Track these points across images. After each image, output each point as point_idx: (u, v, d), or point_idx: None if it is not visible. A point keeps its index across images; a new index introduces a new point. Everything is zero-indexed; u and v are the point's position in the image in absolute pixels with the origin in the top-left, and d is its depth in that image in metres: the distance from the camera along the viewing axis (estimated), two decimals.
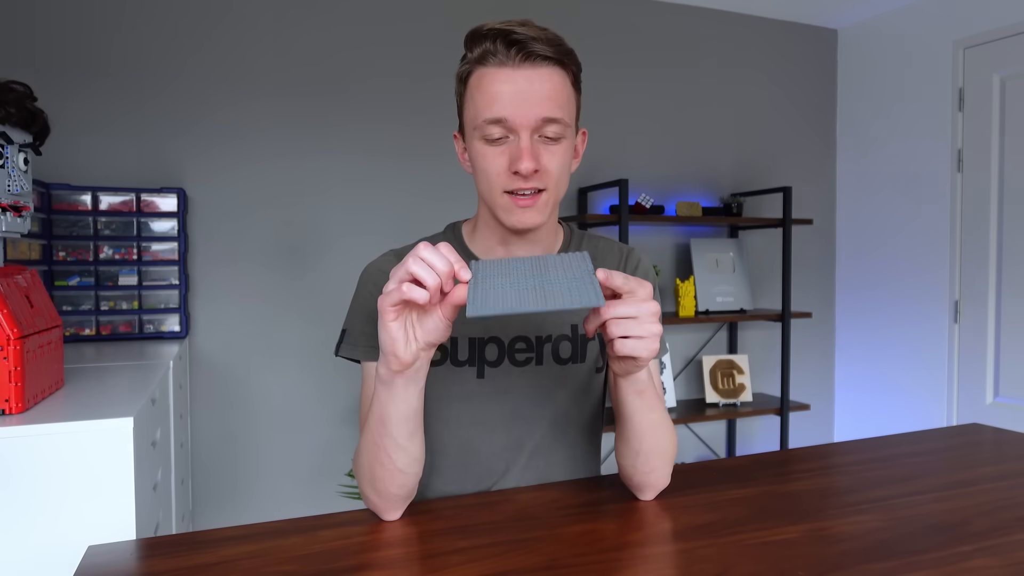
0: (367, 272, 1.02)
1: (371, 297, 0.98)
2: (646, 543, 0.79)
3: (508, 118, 0.87)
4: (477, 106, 0.89)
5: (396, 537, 0.83)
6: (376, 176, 2.67)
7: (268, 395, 2.55)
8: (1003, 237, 2.81)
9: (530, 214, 0.91)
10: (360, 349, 0.98)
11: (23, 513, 0.99)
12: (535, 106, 0.87)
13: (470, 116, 0.92)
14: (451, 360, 1.00)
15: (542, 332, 1.01)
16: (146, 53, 2.38)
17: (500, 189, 0.91)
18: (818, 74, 3.47)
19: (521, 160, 0.87)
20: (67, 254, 2.16)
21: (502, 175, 0.90)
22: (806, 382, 3.47)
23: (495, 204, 0.93)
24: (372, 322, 0.97)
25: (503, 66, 0.87)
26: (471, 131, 0.92)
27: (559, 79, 0.89)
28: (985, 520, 0.86)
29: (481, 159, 0.91)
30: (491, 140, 0.89)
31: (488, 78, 0.88)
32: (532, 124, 0.88)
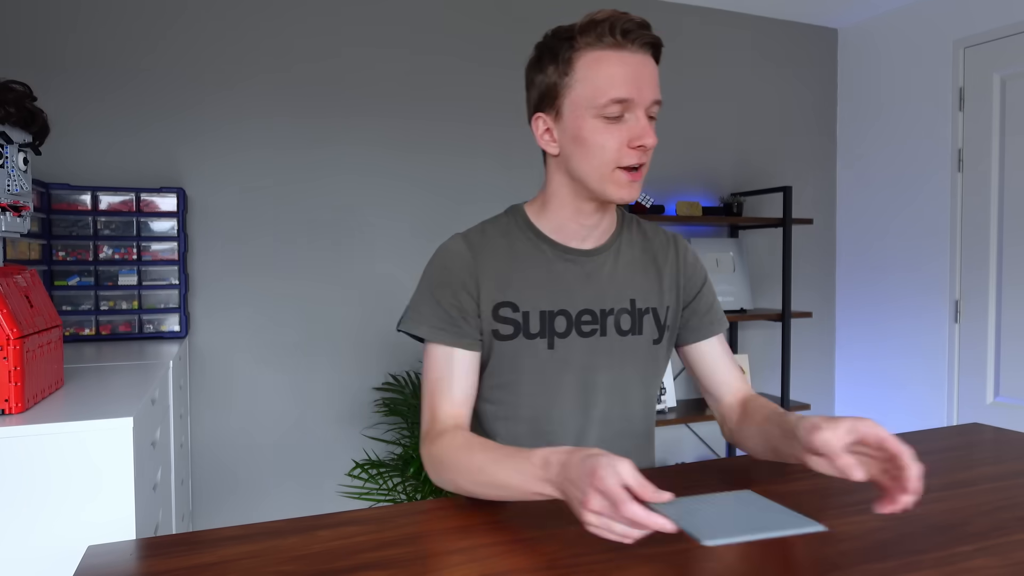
0: (440, 256, 1.06)
1: (443, 282, 1.03)
2: (646, 543, 0.79)
3: (633, 98, 0.94)
4: (597, 86, 0.95)
5: (396, 537, 0.83)
6: (377, 175, 2.67)
7: (268, 395, 2.55)
8: (1003, 237, 2.81)
9: (636, 188, 0.99)
10: (425, 328, 1.02)
11: (23, 513, 0.99)
12: (650, 88, 0.96)
13: (583, 94, 0.96)
14: (523, 334, 1.05)
15: (605, 305, 1.07)
16: (146, 53, 2.38)
17: (613, 164, 0.96)
18: (818, 74, 3.47)
19: (646, 136, 0.95)
20: (67, 254, 2.16)
21: (620, 150, 0.96)
22: (806, 382, 3.47)
23: (604, 178, 0.97)
24: (441, 305, 1.02)
25: (622, 49, 0.95)
26: (584, 109, 0.96)
27: (655, 66, 0.99)
28: (985, 520, 0.86)
29: (596, 134, 0.96)
30: (610, 118, 0.95)
31: (607, 60, 0.95)
32: (647, 104, 0.96)
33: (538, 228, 1.08)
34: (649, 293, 1.10)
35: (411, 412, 2.57)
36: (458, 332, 1.02)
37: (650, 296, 1.10)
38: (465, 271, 1.03)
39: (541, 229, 1.07)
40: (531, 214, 1.09)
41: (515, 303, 1.04)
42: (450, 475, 0.94)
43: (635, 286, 1.09)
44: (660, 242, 1.14)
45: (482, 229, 1.09)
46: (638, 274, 1.10)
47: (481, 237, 1.07)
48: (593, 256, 1.08)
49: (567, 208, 1.05)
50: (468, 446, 0.94)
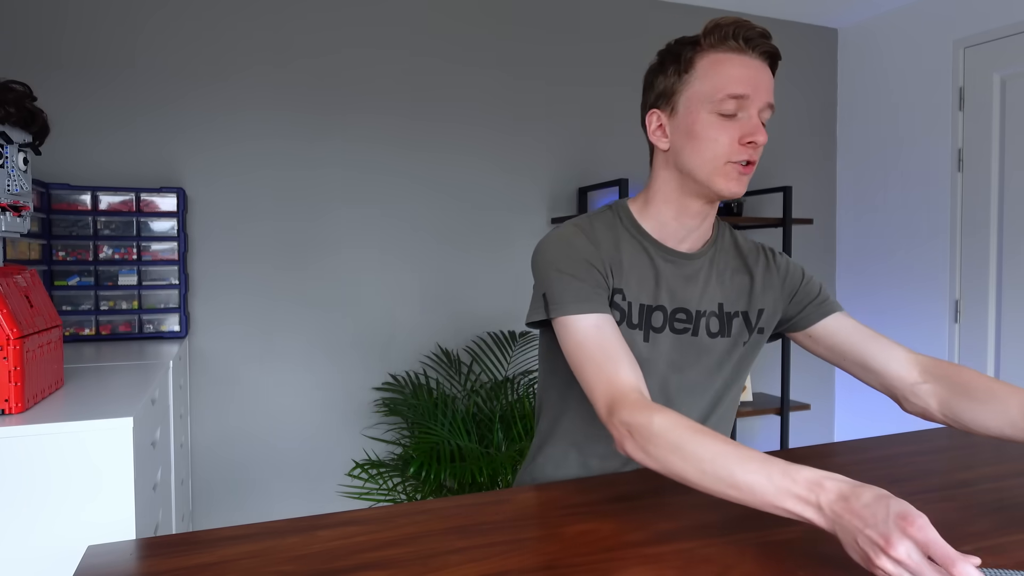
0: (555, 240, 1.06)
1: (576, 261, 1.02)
2: (646, 543, 0.79)
3: (750, 95, 0.99)
4: (716, 83, 1.00)
5: (396, 537, 0.83)
6: (377, 174, 2.67)
7: (268, 395, 2.55)
8: (1003, 237, 2.81)
9: (744, 183, 1.02)
10: (570, 306, 1.00)
11: (23, 513, 0.99)
12: (766, 91, 1.00)
13: (702, 91, 1.01)
14: (627, 322, 1.07)
15: (700, 307, 1.11)
16: (146, 53, 2.38)
17: (725, 159, 1.00)
18: (818, 74, 3.47)
19: (759, 133, 0.99)
20: (67, 254, 2.16)
21: (732, 145, 1.00)
22: (806, 382, 3.47)
23: (714, 171, 1.01)
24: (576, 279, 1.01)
25: (743, 54, 1.01)
26: (701, 105, 1.01)
27: (771, 74, 1.04)
28: (985, 520, 0.86)
29: (711, 129, 1.00)
30: (725, 114, 0.99)
31: (728, 62, 1.00)
32: (761, 105, 1.00)
33: (641, 225, 1.10)
34: (738, 298, 1.14)
35: (411, 412, 2.57)
36: (603, 301, 1.01)
37: (739, 301, 1.15)
38: (590, 251, 1.05)
39: (643, 226, 1.10)
40: (634, 211, 1.12)
41: (625, 291, 1.07)
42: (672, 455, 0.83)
43: (724, 291, 1.13)
44: (749, 249, 1.18)
45: (589, 220, 1.10)
46: (727, 280, 1.14)
47: (591, 228, 1.09)
48: (691, 259, 1.11)
49: (671, 206, 1.08)
50: (696, 429, 0.84)
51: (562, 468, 1.15)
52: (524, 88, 2.87)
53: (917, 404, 1.06)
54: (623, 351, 0.97)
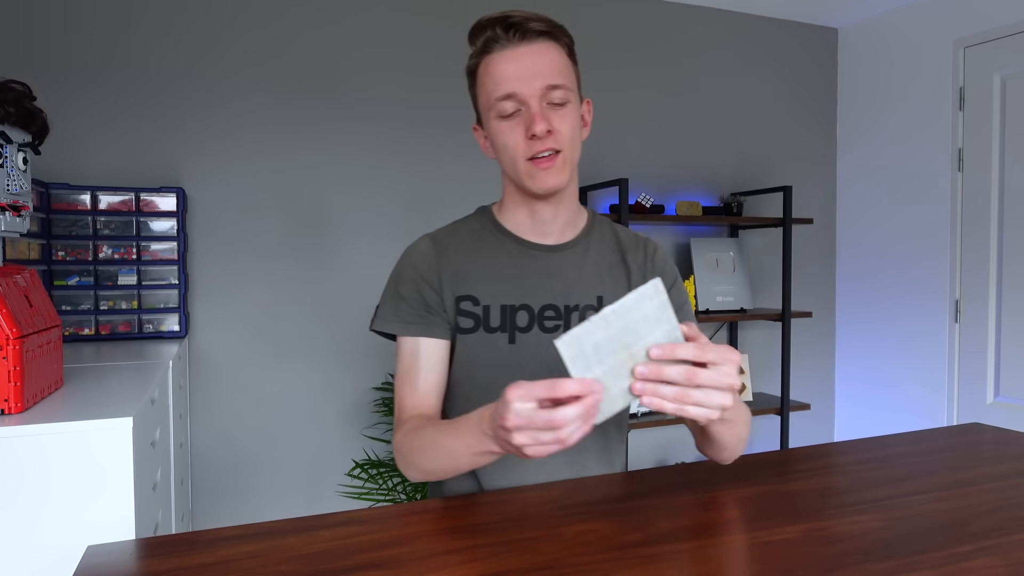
0: (407, 256, 1.09)
1: (410, 279, 1.06)
2: (646, 543, 0.79)
3: (517, 91, 0.96)
4: (488, 90, 0.99)
5: (396, 537, 0.82)
6: (376, 173, 2.67)
7: (268, 395, 2.55)
8: (1003, 237, 2.81)
9: (552, 175, 0.99)
10: (395, 324, 1.05)
11: (23, 513, 0.99)
12: (538, 77, 0.96)
13: (484, 101, 1.01)
14: (484, 327, 1.05)
15: (570, 301, 1.07)
16: (146, 53, 2.38)
17: (522, 158, 0.98)
18: (818, 74, 3.47)
19: (535, 124, 0.95)
20: (66, 254, 2.16)
21: (521, 144, 0.98)
22: (806, 382, 3.47)
23: (519, 173, 1.00)
24: (408, 300, 1.05)
25: (505, 48, 0.98)
26: (487, 113, 1.01)
27: (555, 51, 0.99)
28: (985, 520, 0.86)
29: (500, 135, 1.00)
30: (505, 116, 0.98)
31: (494, 62, 0.99)
32: (539, 93, 0.96)
33: (503, 225, 1.10)
34: (618, 292, 1.09)
35: None
36: (425, 323, 1.04)
37: (619, 294, 1.08)
38: (427, 267, 1.06)
39: (506, 226, 1.10)
40: (496, 212, 1.12)
41: (476, 297, 1.05)
42: (410, 459, 0.97)
43: (604, 285, 1.09)
44: (630, 243, 1.15)
45: (451, 228, 1.12)
46: (606, 273, 1.11)
47: (448, 236, 1.10)
48: (559, 252, 1.09)
49: (520, 206, 1.07)
50: (421, 426, 0.98)
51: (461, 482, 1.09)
52: None
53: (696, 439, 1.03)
54: (423, 375, 1.03)
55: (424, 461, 0.95)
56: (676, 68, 3.16)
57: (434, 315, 1.04)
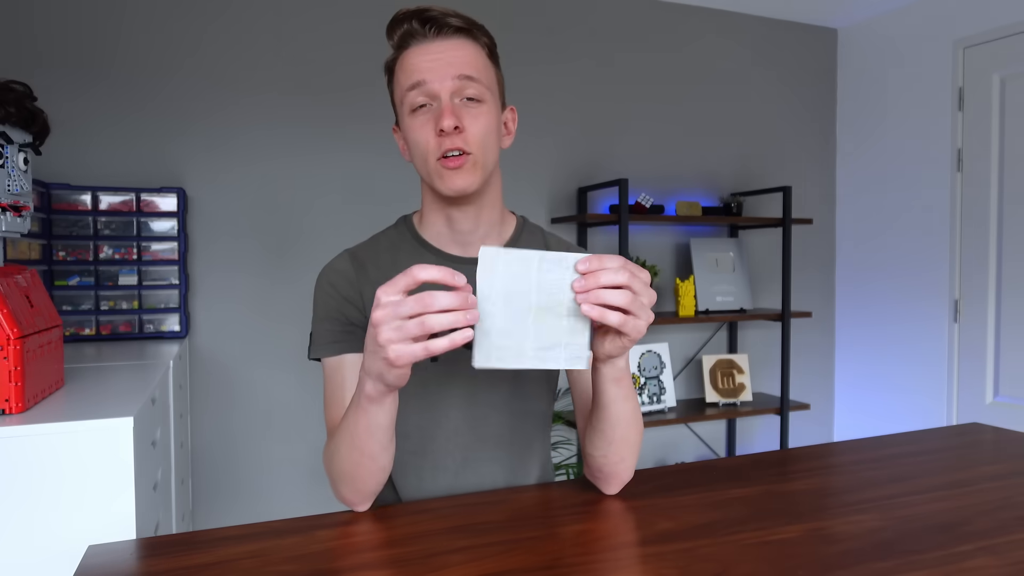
0: (323, 275, 1.03)
1: (328, 298, 1.01)
2: (646, 543, 0.79)
3: (426, 80, 0.92)
4: (400, 83, 0.95)
5: (396, 537, 0.83)
6: (377, 174, 2.67)
7: (268, 395, 2.55)
8: (1003, 237, 2.81)
9: (460, 176, 0.93)
10: (322, 348, 1.00)
11: (23, 513, 0.99)
12: (449, 67, 0.92)
13: (398, 96, 0.97)
14: None
15: None
16: (146, 53, 2.38)
17: (432, 156, 0.93)
18: (818, 74, 3.47)
19: (443, 118, 0.90)
20: (67, 254, 2.16)
21: (431, 140, 0.93)
22: (806, 382, 3.47)
23: (430, 173, 0.95)
24: (329, 320, 1.00)
25: (420, 42, 0.94)
26: (400, 109, 0.97)
27: (472, 48, 0.95)
28: (985, 520, 0.86)
29: (411, 132, 0.95)
30: (415, 108, 0.94)
31: (408, 56, 0.95)
32: (450, 86, 0.92)
33: (422, 236, 1.04)
34: None
35: None
36: (349, 340, 0.99)
37: None
38: (347, 285, 1.01)
39: (424, 237, 1.04)
40: (416, 223, 1.07)
41: None
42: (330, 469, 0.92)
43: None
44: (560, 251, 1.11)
45: (370, 241, 1.07)
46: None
47: (366, 250, 1.05)
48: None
49: (439, 215, 1.02)
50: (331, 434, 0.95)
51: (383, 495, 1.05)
52: (524, 88, 2.87)
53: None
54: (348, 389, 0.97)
55: (336, 461, 0.89)
56: (676, 68, 3.16)
57: (356, 330, 1.00)
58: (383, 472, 0.88)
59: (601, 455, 0.93)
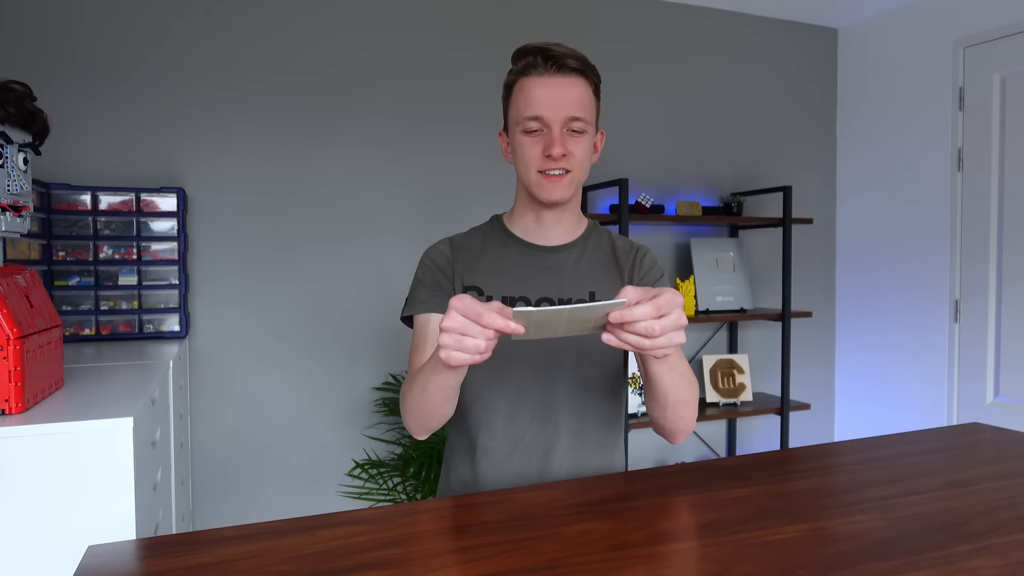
0: (426, 253, 1.24)
1: (427, 268, 1.22)
2: (646, 543, 0.79)
3: (543, 115, 1.11)
4: (519, 107, 1.13)
5: (396, 537, 0.83)
6: (377, 174, 2.67)
7: (268, 395, 2.55)
8: (1003, 237, 2.81)
9: (559, 188, 1.14)
10: (415, 307, 1.19)
11: (23, 513, 0.99)
12: (563, 107, 1.11)
13: (514, 115, 1.15)
14: None
15: (563, 295, 1.18)
16: (146, 53, 2.38)
17: (535, 170, 1.13)
18: (818, 74, 3.47)
19: (554, 146, 1.10)
20: (67, 254, 2.16)
21: (537, 159, 1.12)
22: (806, 381, 3.47)
23: (531, 182, 1.15)
24: (425, 286, 1.20)
25: (541, 75, 1.12)
26: (514, 127, 1.15)
27: (583, 87, 1.13)
28: (985, 520, 0.86)
29: (521, 146, 1.14)
30: (529, 132, 1.13)
31: (529, 85, 1.13)
32: (561, 120, 1.11)
33: (509, 229, 1.24)
34: (610, 289, 1.20)
35: None
36: (437, 301, 1.17)
37: (611, 292, 1.20)
38: (443, 260, 1.21)
39: (512, 230, 1.24)
40: (506, 219, 1.27)
41: (481, 288, 1.18)
42: (404, 402, 1.10)
43: (596, 282, 1.21)
44: (624, 249, 1.26)
45: (466, 233, 1.27)
46: (601, 272, 1.22)
47: (462, 238, 1.26)
48: (556, 252, 1.22)
49: (529, 212, 1.22)
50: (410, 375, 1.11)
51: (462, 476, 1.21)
52: None
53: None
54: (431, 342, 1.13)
55: (409, 399, 1.08)
56: (676, 68, 3.16)
57: (445, 295, 1.17)
58: (444, 417, 1.07)
59: (661, 416, 1.09)
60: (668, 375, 1.01)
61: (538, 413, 1.16)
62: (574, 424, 1.17)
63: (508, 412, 1.16)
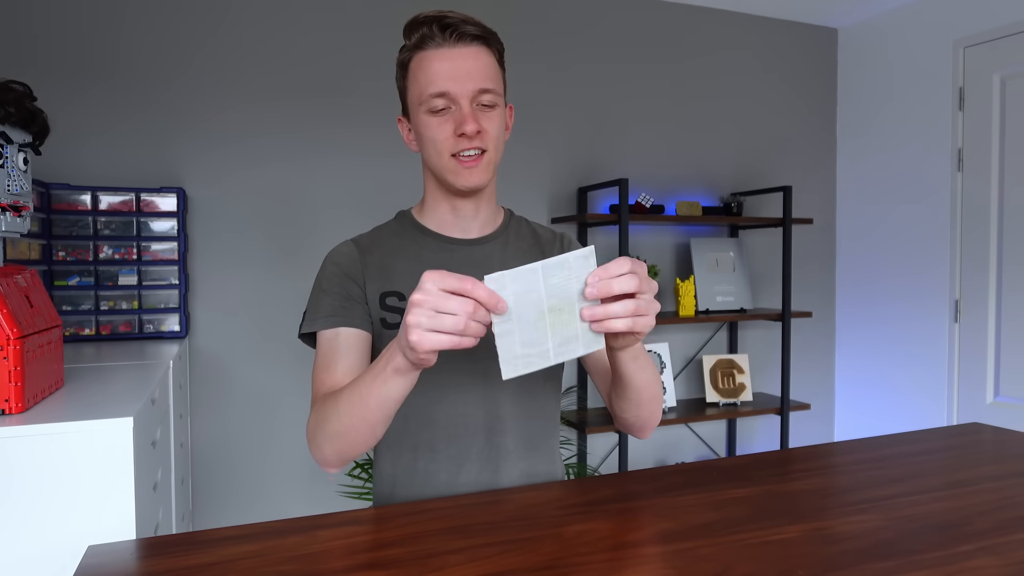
0: (328, 257, 1.09)
1: (332, 275, 1.07)
2: (646, 543, 0.79)
3: (450, 91, 0.99)
4: (421, 84, 1.01)
5: (396, 537, 0.83)
6: (377, 174, 2.67)
7: (268, 395, 2.55)
8: (1003, 237, 2.81)
9: (476, 173, 1.02)
10: (319, 321, 1.04)
11: (23, 513, 0.99)
12: (471, 79, 0.99)
13: (415, 95, 1.03)
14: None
15: None
16: (146, 53, 2.38)
17: (447, 153, 1.01)
18: (818, 74, 3.47)
19: (466, 123, 0.98)
20: (67, 254, 2.16)
21: (448, 140, 1.00)
22: (806, 382, 3.47)
23: (443, 169, 1.02)
24: (330, 295, 1.05)
25: (440, 47, 1.00)
26: (416, 108, 1.03)
27: (487, 56, 1.02)
28: (985, 520, 0.86)
29: (428, 129, 1.02)
30: (435, 111, 1.00)
31: (428, 59, 1.00)
32: (470, 94, 0.99)
33: (423, 224, 1.12)
34: None
35: None
36: (347, 314, 1.03)
37: None
38: (351, 265, 1.07)
39: (426, 225, 1.11)
40: (416, 214, 1.14)
41: (401, 292, 1.06)
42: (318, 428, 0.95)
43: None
44: (547, 238, 1.18)
45: (373, 231, 1.14)
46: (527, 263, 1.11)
47: (370, 238, 1.12)
48: (480, 244, 1.11)
49: (442, 203, 1.09)
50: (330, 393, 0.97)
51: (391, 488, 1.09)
52: (524, 88, 2.87)
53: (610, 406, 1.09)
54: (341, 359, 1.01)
55: (331, 422, 0.92)
56: (676, 68, 3.16)
57: (356, 305, 1.04)
58: (372, 441, 0.94)
59: (633, 416, 1.03)
60: (641, 373, 0.95)
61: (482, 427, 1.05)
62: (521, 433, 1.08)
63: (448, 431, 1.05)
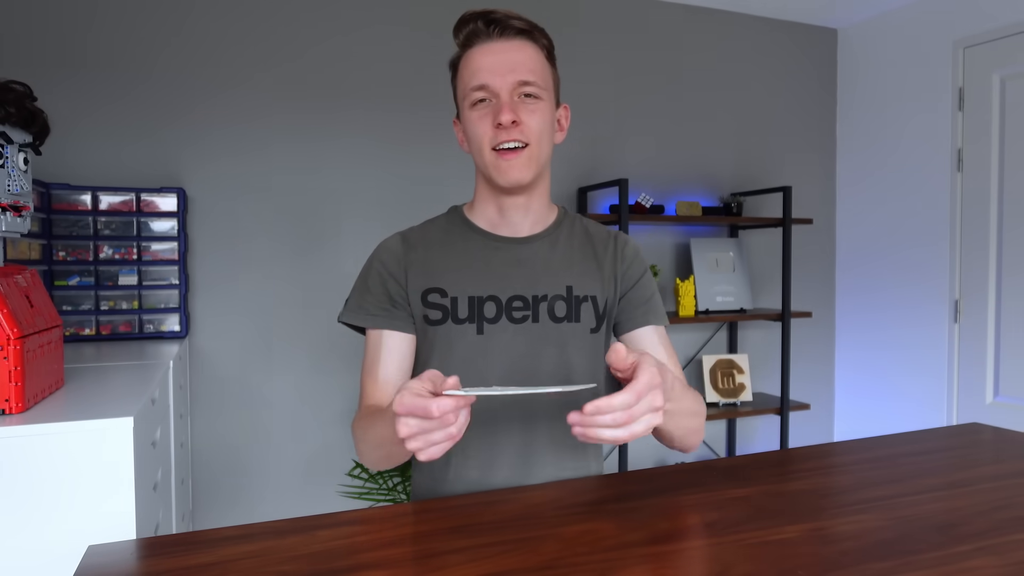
0: (376, 251, 1.12)
1: (376, 273, 1.09)
2: (646, 543, 0.79)
3: (489, 83, 1.00)
4: (465, 80, 1.03)
5: (396, 537, 0.83)
6: (377, 175, 2.67)
7: (268, 395, 2.55)
8: (1003, 237, 2.81)
9: (516, 167, 1.01)
10: (361, 316, 1.08)
11: (23, 513, 0.99)
12: (511, 71, 1.00)
13: (461, 92, 1.04)
14: (452, 319, 1.06)
15: (538, 292, 1.08)
16: (146, 53, 2.38)
17: (488, 147, 1.01)
18: (818, 74, 3.47)
19: (501, 113, 0.98)
20: (67, 254, 2.16)
21: (488, 132, 1.01)
22: (806, 382, 3.47)
23: (486, 164, 1.03)
24: (372, 293, 1.08)
25: (485, 43, 1.01)
26: (462, 104, 1.04)
27: (531, 49, 1.03)
28: (985, 520, 0.86)
29: (470, 124, 1.03)
30: (475, 104, 1.01)
31: (473, 55, 1.02)
32: (510, 85, 0.99)
33: (472, 222, 1.12)
34: (588, 282, 1.10)
35: None
36: (389, 316, 1.07)
37: (589, 285, 1.10)
38: (394, 262, 1.09)
39: (475, 223, 1.12)
40: (466, 211, 1.15)
41: (444, 289, 1.07)
42: (359, 445, 1.01)
43: (573, 274, 1.10)
44: (601, 237, 1.16)
45: (422, 226, 1.15)
46: (576, 264, 1.11)
47: (418, 233, 1.13)
48: (526, 243, 1.10)
49: (489, 202, 1.10)
50: (365, 414, 1.00)
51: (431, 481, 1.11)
52: None
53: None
54: (384, 365, 1.06)
55: (365, 448, 0.99)
56: (676, 68, 3.16)
57: (398, 309, 1.07)
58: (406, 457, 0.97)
59: (677, 441, 1.03)
60: (671, 421, 0.93)
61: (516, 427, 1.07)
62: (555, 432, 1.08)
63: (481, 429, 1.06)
